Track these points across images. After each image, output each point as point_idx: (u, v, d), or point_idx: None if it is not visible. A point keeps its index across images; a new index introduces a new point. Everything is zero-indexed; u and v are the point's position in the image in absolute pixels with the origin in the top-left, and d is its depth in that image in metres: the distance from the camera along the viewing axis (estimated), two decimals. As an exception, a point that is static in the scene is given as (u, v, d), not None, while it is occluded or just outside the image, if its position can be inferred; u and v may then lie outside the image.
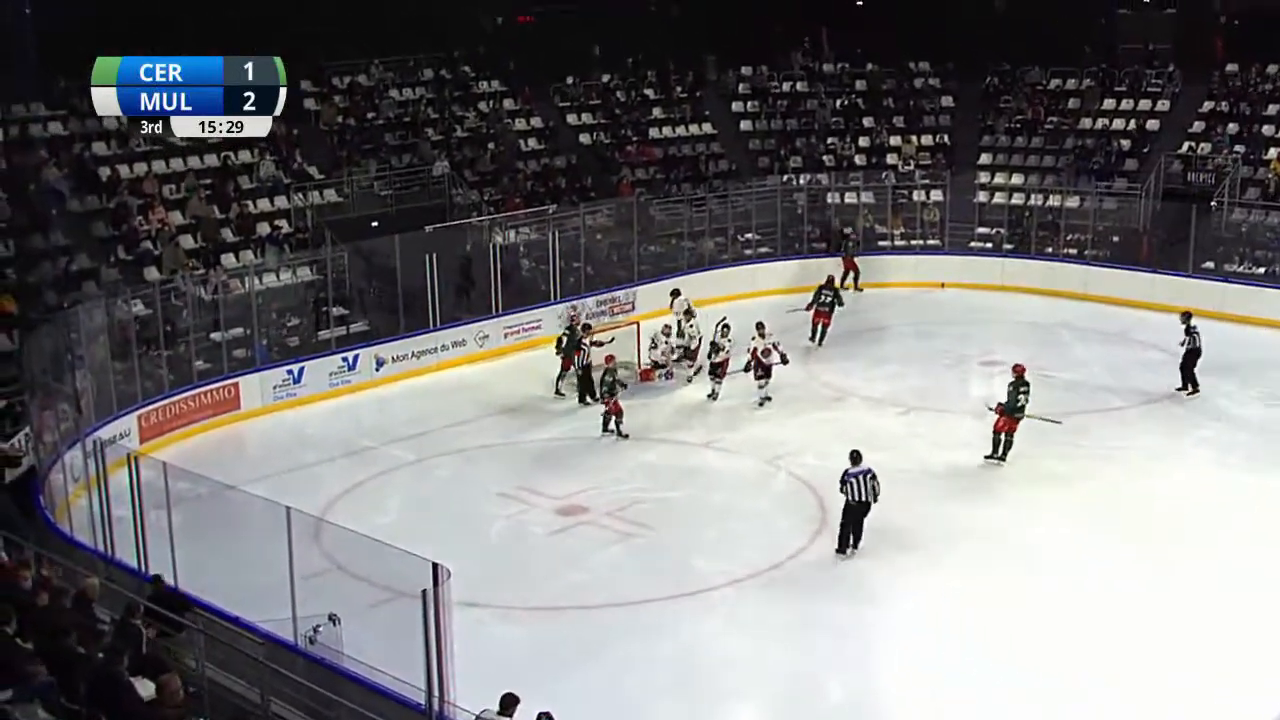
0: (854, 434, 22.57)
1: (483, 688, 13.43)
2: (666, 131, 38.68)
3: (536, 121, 37.29)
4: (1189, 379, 25.28)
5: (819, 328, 29.12)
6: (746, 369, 24.99)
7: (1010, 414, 21.69)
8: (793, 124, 39.55)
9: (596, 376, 25.22)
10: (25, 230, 26.69)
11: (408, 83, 36.56)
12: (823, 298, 29.25)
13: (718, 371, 25.21)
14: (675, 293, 29.06)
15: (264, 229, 30.14)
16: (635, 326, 27.86)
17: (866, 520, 18.69)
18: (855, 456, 18.78)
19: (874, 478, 18.60)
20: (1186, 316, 25.48)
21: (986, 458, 21.98)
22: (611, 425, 23.76)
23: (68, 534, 18.69)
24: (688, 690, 15.60)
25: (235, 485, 18.57)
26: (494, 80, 37.72)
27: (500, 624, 17.12)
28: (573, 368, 26.05)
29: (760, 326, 24.97)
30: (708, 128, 39.25)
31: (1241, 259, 32.15)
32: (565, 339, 26.41)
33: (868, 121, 39.31)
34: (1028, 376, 22.14)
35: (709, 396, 25.40)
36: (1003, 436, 21.90)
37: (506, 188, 34.53)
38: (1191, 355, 25.21)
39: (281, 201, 30.90)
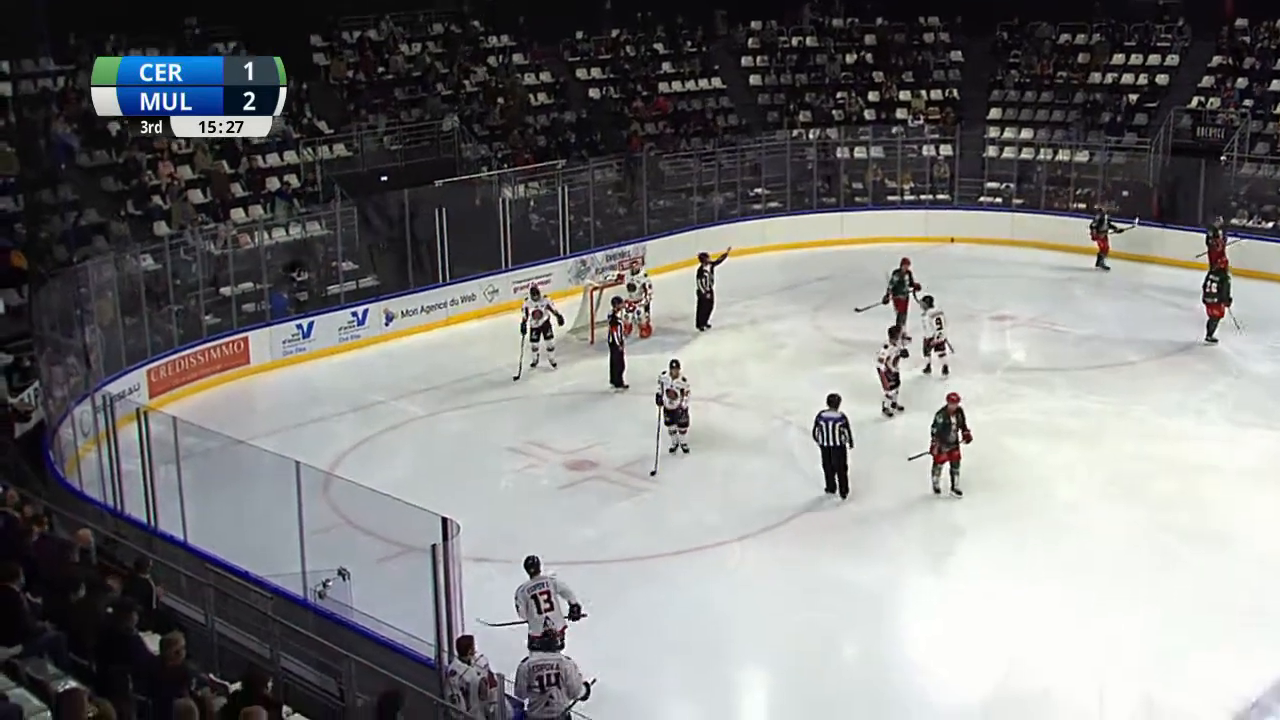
0: (863, 389, 22.39)
1: (491, 643, 13.28)
2: (676, 86, 38.26)
3: (546, 76, 36.91)
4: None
5: (902, 316, 25.68)
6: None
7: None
8: (802, 79, 39.10)
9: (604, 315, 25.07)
10: (34, 185, 26.40)
11: (417, 37, 36.14)
12: (902, 283, 26.00)
13: (679, 420, 20.86)
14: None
15: (273, 184, 29.87)
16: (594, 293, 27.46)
17: (858, 470, 18.59)
18: (832, 400, 18.89)
19: (845, 425, 18.59)
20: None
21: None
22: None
23: (77, 488, 18.52)
24: (696, 646, 15.39)
25: (244, 440, 18.45)
26: (503, 35, 37.31)
27: (509, 579, 16.75)
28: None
29: (674, 365, 20.96)
30: (717, 82, 38.83)
31: (1250, 214, 31.82)
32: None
33: (877, 76, 38.87)
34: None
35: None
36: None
37: (516, 142, 34.18)
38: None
39: (291, 156, 30.60)
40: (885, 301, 25.80)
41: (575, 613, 14.14)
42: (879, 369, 22.15)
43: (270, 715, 9.84)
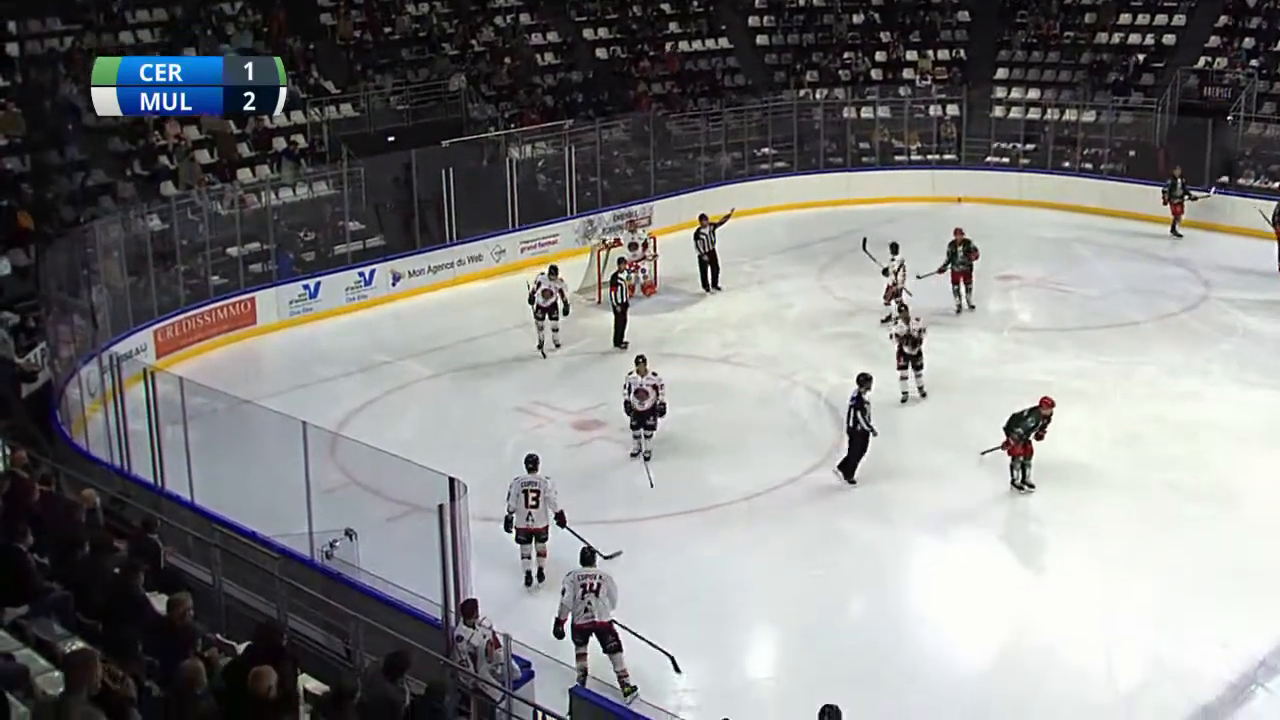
0: (868, 348, 22.28)
1: (498, 603, 13.21)
2: (683, 46, 37.93)
3: (553, 36, 36.57)
4: None
5: (961, 289, 25.08)
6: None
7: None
8: (809, 38, 38.72)
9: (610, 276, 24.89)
10: (41, 146, 26.22)
11: (424, -3, 35.87)
12: (957, 254, 24.94)
13: (645, 423, 19.02)
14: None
15: (280, 144, 29.65)
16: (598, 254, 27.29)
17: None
18: (860, 380, 18.06)
19: (860, 408, 17.86)
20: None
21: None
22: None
23: (84, 449, 18.43)
24: (704, 606, 15.33)
25: (251, 400, 18.30)
26: (510, -6, 37.00)
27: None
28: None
29: (640, 361, 19.19)
30: (724, 42, 38.48)
31: (1257, 174, 31.55)
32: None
33: (884, 36, 38.47)
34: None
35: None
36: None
37: (523, 102, 33.94)
38: None
39: (298, 116, 30.33)
40: (942, 271, 24.85)
41: (560, 519, 15.44)
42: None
43: (284, 671, 9.74)
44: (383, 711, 10.17)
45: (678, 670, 13.64)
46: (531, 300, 23.43)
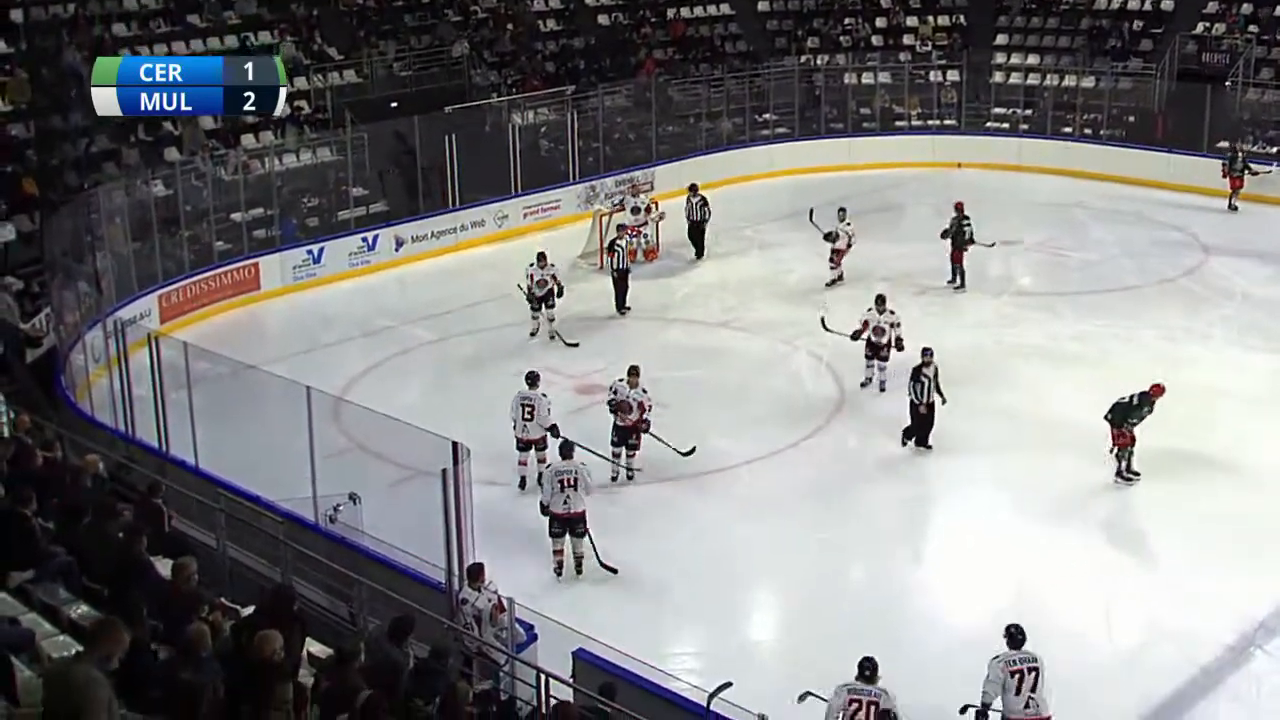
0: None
1: (502, 567, 13.12)
2: (685, 12, 37.63)
3: (555, 2, 36.25)
4: None
5: (958, 269, 24.37)
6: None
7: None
8: (810, 4, 38.41)
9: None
10: (45, 112, 26.00)
11: (427, -37, 35.53)
12: (964, 231, 24.11)
13: (628, 441, 17.48)
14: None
15: (284, 110, 29.36)
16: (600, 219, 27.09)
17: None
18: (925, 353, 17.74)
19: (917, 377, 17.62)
20: None
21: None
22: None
23: (88, 414, 18.29)
24: (706, 568, 15.28)
25: (255, 365, 18.17)
26: (512, -40, 36.66)
27: (519, 503, 16.78)
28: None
29: (634, 372, 17.47)
30: (725, 8, 38.17)
31: (1255, 139, 31.31)
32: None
33: (884, 2, 38.14)
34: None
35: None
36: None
37: (525, 68, 33.70)
38: None
39: (301, 82, 30.05)
40: (944, 237, 24.23)
41: (555, 431, 16.50)
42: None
43: (291, 637, 9.67)
44: (386, 674, 10.10)
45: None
46: (530, 296, 22.32)
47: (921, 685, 12.00)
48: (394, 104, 30.36)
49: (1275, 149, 30.81)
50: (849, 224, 24.59)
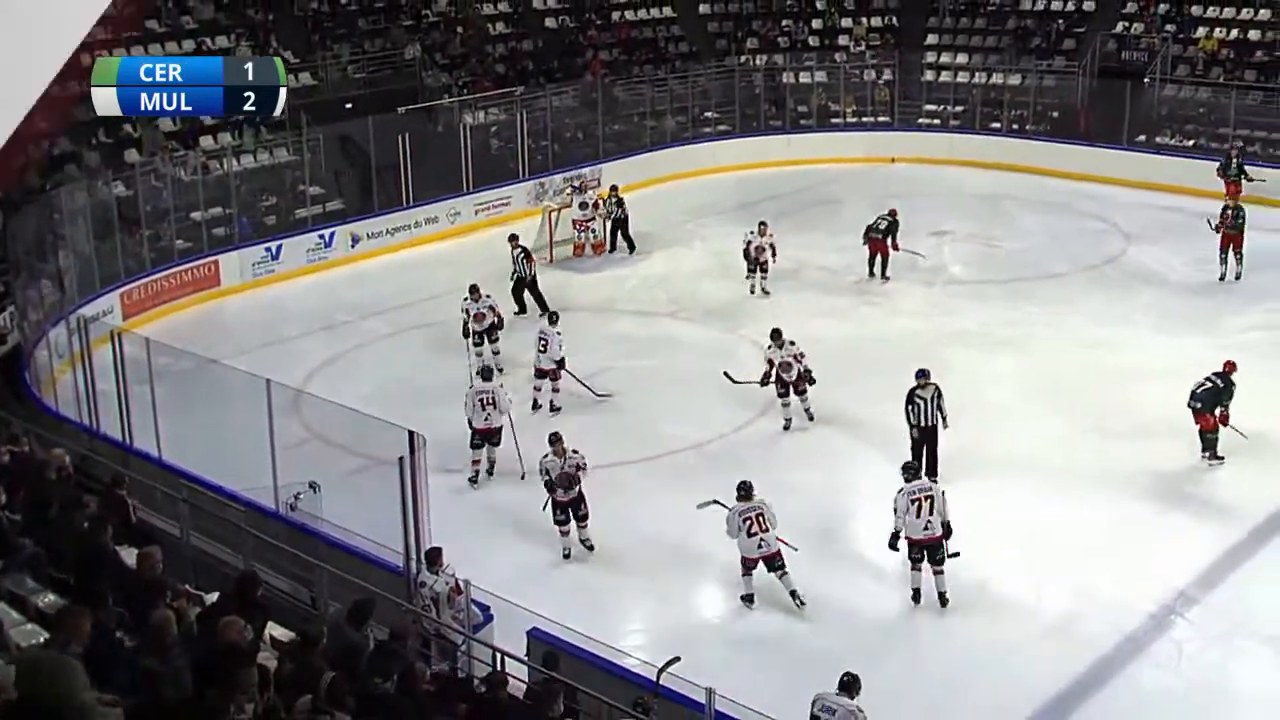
0: (811, 305, 22.30)
1: (458, 551, 13.09)
2: (629, 15, 37.58)
3: (504, 6, 36.05)
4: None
5: (877, 259, 24.12)
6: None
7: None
8: (749, 7, 38.43)
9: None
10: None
11: (379, -31, 35.25)
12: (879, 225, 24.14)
13: (577, 513, 15.45)
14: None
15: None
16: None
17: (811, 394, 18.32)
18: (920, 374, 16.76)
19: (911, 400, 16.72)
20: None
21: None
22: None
23: (54, 409, 18.12)
24: (658, 550, 15.34)
25: (217, 359, 18.03)
26: (462, -34, 36.45)
27: (475, 489, 16.76)
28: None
29: (555, 440, 15.39)
30: (668, 11, 38.12)
31: (1172, 133, 31.68)
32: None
33: (820, 4, 38.25)
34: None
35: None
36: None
37: (476, 70, 33.55)
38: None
39: (257, 85, 29.81)
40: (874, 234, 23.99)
41: (561, 364, 18.67)
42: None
43: (253, 621, 9.62)
44: (347, 657, 10.05)
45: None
46: (466, 333, 20.50)
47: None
48: (348, 105, 30.14)
49: (1191, 142, 31.14)
50: (768, 234, 23.80)
